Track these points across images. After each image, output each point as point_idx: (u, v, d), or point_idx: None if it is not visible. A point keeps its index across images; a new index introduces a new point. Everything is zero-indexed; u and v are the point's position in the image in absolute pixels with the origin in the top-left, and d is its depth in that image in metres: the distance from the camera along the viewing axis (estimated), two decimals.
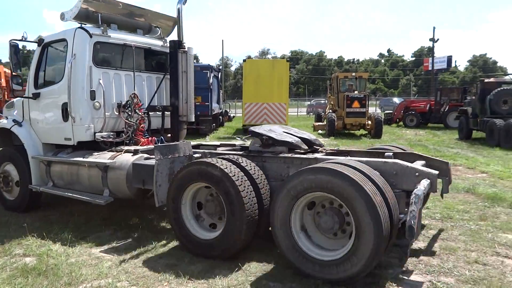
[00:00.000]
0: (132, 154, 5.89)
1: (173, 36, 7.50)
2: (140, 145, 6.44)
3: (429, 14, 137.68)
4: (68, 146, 6.47)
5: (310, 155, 5.06)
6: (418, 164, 4.60)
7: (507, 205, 6.86)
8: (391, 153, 5.21)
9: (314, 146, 5.57)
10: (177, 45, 7.09)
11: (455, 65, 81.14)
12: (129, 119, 6.47)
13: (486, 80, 18.81)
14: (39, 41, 6.56)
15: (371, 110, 23.28)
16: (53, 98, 6.41)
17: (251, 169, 4.79)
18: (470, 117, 18.06)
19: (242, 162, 4.82)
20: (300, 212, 4.24)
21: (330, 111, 21.27)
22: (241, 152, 5.40)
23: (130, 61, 6.87)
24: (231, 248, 4.54)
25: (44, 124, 6.62)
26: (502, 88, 16.87)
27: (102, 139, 6.29)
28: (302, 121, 31.14)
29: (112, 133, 6.47)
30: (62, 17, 6.33)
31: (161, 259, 4.79)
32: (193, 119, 7.54)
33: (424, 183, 4.06)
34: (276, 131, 5.49)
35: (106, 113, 6.36)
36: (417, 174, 4.26)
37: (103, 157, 5.97)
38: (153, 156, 5.73)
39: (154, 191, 5.09)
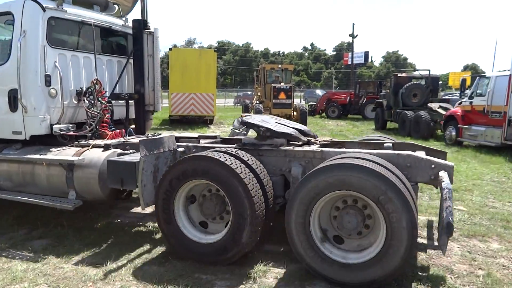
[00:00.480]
0: (102, 149, 5.08)
1: (134, 15, 6.69)
2: (107, 139, 5.62)
3: (350, 10, 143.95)
4: (16, 141, 5.44)
5: (313, 148, 4.69)
6: (423, 154, 4.45)
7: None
8: (390, 144, 5.04)
9: (308, 138, 5.22)
10: (142, 25, 6.30)
11: (371, 60, 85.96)
12: (92, 109, 5.60)
13: (398, 75, 20.24)
14: None
15: (296, 101, 24.17)
16: None
17: (253, 163, 4.31)
18: (385, 109, 19.22)
19: (243, 156, 4.32)
20: (318, 213, 3.87)
21: (257, 102, 21.26)
22: (234, 145, 4.86)
23: (89, 42, 5.96)
24: (238, 251, 4.06)
25: None
26: (412, 83, 18.15)
27: (60, 132, 5.38)
28: (229, 111, 30.80)
29: (71, 125, 5.57)
30: None
31: (84, 258, 4.35)
32: (160, 109, 6.82)
33: (445, 176, 3.89)
34: (269, 122, 5.04)
35: (64, 102, 5.44)
36: (433, 166, 4.09)
37: (65, 153, 5.09)
38: (127, 152, 5.04)
39: (140, 192, 4.40)
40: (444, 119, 14.79)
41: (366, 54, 53.94)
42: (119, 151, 5.08)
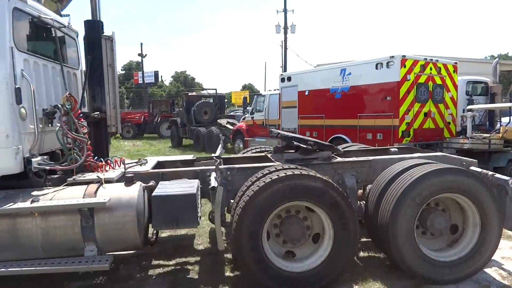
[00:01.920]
0: (124, 183, 3.91)
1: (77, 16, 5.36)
2: (99, 171, 4.33)
3: (137, 30, 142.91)
4: None
5: (361, 158, 4.75)
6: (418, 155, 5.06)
7: None
8: (396, 149, 5.53)
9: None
10: (99, 28, 5.13)
11: (161, 80, 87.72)
12: (73, 133, 4.22)
13: (189, 94, 21.64)
14: None
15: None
16: None
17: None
18: (180, 126, 20.25)
19: (311, 172, 4.04)
20: (417, 218, 3.98)
21: None
22: (283, 164, 4.45)
23: (47, 45, 4.50)
24: (339, 273, 3.80)
25: None
26: (202, 101, 19.65)
27: (40, 166, 3.88)
28: None
29: (45, 156, 4.08)
30: None
31: None
32: (120, 130, 5.62)
33: (479, 170, 4.57)
34: (297, 135, 4.85)
35: (33, 126, 3.96)
36: (464, 163, 4.75)
37: (68, 195, 3.69)
38: (151, 184, 4.06)
39: (218, 228, 3.59)
40: (232, 133, 16.50)
41: (156, 73, 54.56)
42: (142, 184, 4.00)
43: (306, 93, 11.78)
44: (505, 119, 11.29)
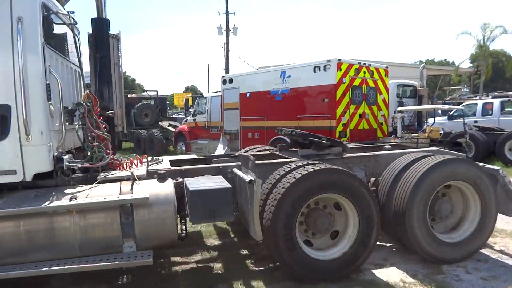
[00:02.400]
0: (156, 179, 3.94)
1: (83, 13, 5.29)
2: (121, 169, 4.31)
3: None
4: None
5: (366, 153, 5.10)
6: (416, 150, 5.56)
7: None
8: (390, 146, 5.97)
9: None
10: (107, 26, 5.11)
11: None
12: (98, 132, 4.19)
13: (129, 96, 20.82)
14: None
15: None
16: None
17: None
18: None
19: (340, 167, 4.32)
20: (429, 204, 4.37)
21: None
22: (299, 159, 4.68)
23: (62, 42, 4.42)
24: (368, 255, 4.10)
25: None
26: (142, 103, 19.48)
27: (70, 164, 3.82)
28: None
29: (70, 154, 4.01)
30: None
31: None
32: (125, 130, 5.58)
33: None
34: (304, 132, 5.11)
35: (58, 123, 3.89)
36: (455, 157, 5.26)
37: (106, 192, 3.67)
38: (180, 180, 4.14)
39: (256, 219, 3.73)
40: (174, 136, 16.34)
41: None
42: (173, 181, 4.05)
43: (248, 95, 11.88)
44: (431, 120, 12.42)
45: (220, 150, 7.33)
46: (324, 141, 4.78)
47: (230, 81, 12.52)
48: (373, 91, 10.45)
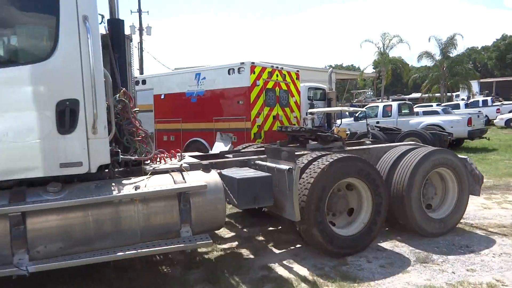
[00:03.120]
0: (201, 170, 4.27)
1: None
2: (153, 161, 4.55)
3: None
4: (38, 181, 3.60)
5: (363, 146, 5.86)
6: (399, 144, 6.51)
7: None
8: (370, 142, 6.82)
9: None
10: (123, 26, 5.29)
11: None
12: (141, 126, 4.41)
13: None
14: None
15: None
16: (21, 89, 3.40)
17: None
18: None
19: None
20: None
21: None
22: (309, 151, 5.27)
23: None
24: (380, 227, 4.82)
25: None
26: None
27: (125, 157, 4.04)
28: None
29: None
30: None
31: None
32: None
33: None
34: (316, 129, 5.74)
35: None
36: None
37: (161, 182, 3.92)
38: (217, 171, 4.53)
39: (294, 204, 4.22)
40: None
41: None
42: (217, 170, 4.42)
43: (162, 97, 11.86)
44: (338, 121, 13.97)
45: (221, 147, 7.57)
46: (329, 136, 5.46)
47: (144, 82, 12.23)
48: (285, 94, 10.92)
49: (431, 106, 27.72)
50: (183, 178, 4.03)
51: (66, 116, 3.48)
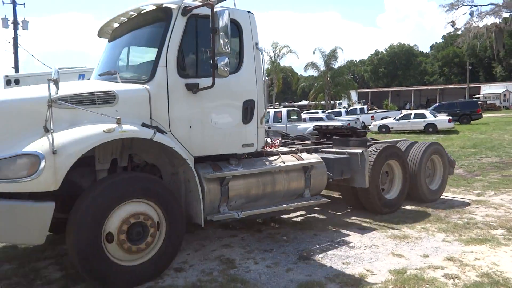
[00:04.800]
0: (305, 152, 6.05)
1: None
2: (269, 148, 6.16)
3: None
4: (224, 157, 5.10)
5: (377, 141, 8.03)
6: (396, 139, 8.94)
7: None
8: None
9: None
10: None
11: None
12: None
13: None
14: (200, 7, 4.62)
15: None
16: (226, 93, 4.90)
17: None
18: None
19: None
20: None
21: None
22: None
23: None
24: (403, 198, 7.00)
25: (206, 128, 4.76)
26: None
27: (268, 143, 5.72)
28: None
29: None
30: None
31: None
32: None
33: None
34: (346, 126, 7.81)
35: None
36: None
37: (289, 159, 5.60)
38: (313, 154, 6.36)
39: (366, 175, 6.18)
40: None
41: None
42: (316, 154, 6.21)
43: None
44: None
45: None
46: (362, 133, 7.58)
47: (17, 81, 11.02)
48: None
49: (317, 112, 31.90)
50: (301, 157, 5.77)
51: (248, 111, 5.04)
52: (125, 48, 5.32)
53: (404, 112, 31.93)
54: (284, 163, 5.40)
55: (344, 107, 43.12)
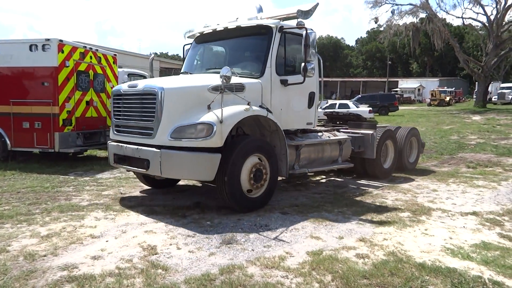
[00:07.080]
0: (335, 131, 8.37)
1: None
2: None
3: None
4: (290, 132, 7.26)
5: (380, 125, 10.58)
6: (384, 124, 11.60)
7: None
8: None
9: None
10: None
11: None
12: None
13: None
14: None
15: None
16: (300, 86, 6.97)
17: None
18: None
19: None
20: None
21: None
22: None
23: None
24: (394, 166, 9.60)
25: (289, 110, 6.92)
26: None
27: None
28: None
29: None
30: (307, 15, 7.03)
31: None
32: None
33: None
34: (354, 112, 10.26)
35: None
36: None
37: (328, 136, 7.90)
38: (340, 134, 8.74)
39: (375, 149, 8.61)
40: None
41: None
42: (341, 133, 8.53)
43: None
44: None
45: None
46: (363, 119, 10.07)
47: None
48: (101, 78, 10.34)
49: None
50: (335, 135, 8.09)
51: (311, 99, 7.24)
52: (223, 49, 7.27)
53: (330, 102, 32.82)
54: (329, 138, 7.71)
55: None
